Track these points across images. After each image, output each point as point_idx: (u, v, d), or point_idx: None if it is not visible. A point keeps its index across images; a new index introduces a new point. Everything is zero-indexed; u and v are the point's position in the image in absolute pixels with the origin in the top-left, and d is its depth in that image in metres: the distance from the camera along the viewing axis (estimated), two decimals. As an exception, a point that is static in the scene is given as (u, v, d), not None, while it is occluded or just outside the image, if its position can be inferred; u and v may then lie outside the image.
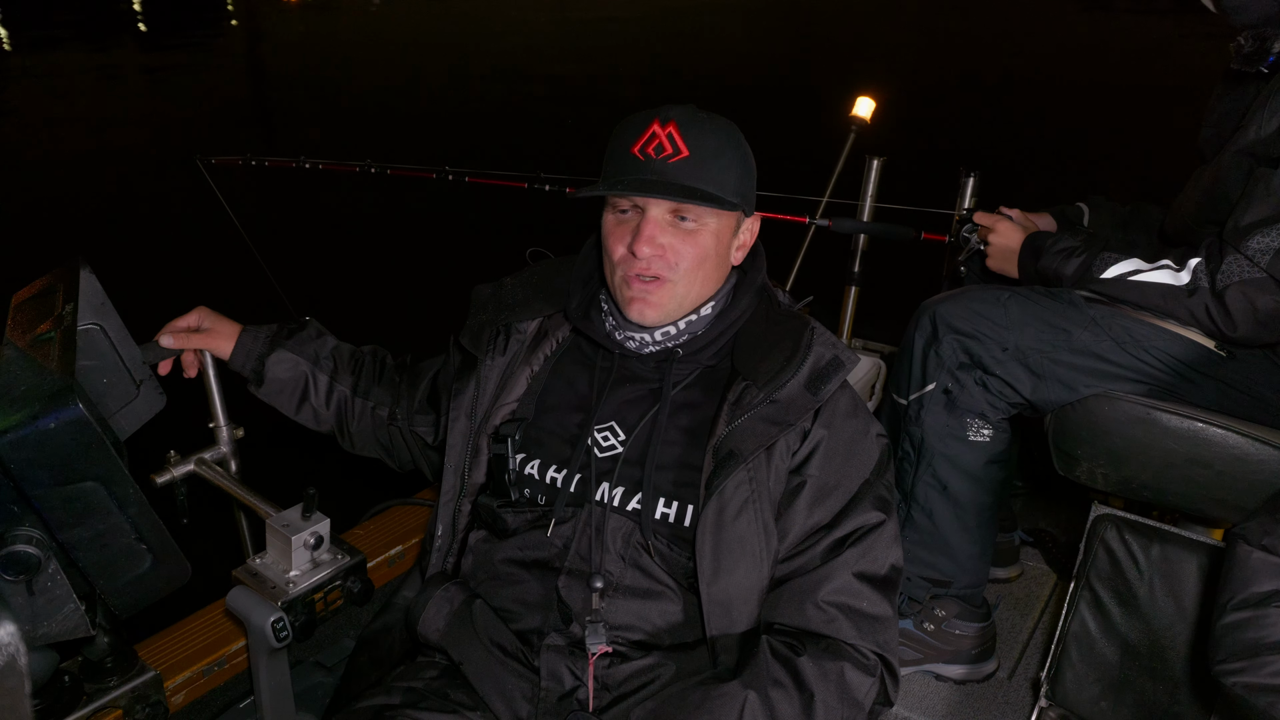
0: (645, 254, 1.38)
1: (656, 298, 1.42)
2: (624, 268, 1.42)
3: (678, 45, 13.93)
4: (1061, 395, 1.81)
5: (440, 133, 9.00)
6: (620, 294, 1.45)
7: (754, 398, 1.40)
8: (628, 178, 1.38)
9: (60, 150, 8.86)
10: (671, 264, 1.41)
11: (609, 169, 1.42)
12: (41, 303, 1.36)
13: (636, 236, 1.38)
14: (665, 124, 1.38)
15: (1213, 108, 1.92)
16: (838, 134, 2.87)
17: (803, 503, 1.38)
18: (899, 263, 3.07)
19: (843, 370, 1.42)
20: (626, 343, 1.49)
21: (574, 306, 1.56)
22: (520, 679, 1.37)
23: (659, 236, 1.39)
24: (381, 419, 1.80)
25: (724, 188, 1.39)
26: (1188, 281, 1.69)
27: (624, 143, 1.40)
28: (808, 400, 1.40)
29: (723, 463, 1.36)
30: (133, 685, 1.57)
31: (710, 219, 1.42)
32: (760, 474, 1.37)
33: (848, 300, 2.89)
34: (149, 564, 1.23)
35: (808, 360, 1.42)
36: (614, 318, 1.50)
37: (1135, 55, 12.78)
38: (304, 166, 2.90)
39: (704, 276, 1.44)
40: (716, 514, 1.34)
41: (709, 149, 1.39)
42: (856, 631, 1.33)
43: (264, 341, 1.78)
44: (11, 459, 1.07)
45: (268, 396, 1.80)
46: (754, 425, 1.38)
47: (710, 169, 1.38)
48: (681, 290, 1.43)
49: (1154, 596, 1.69)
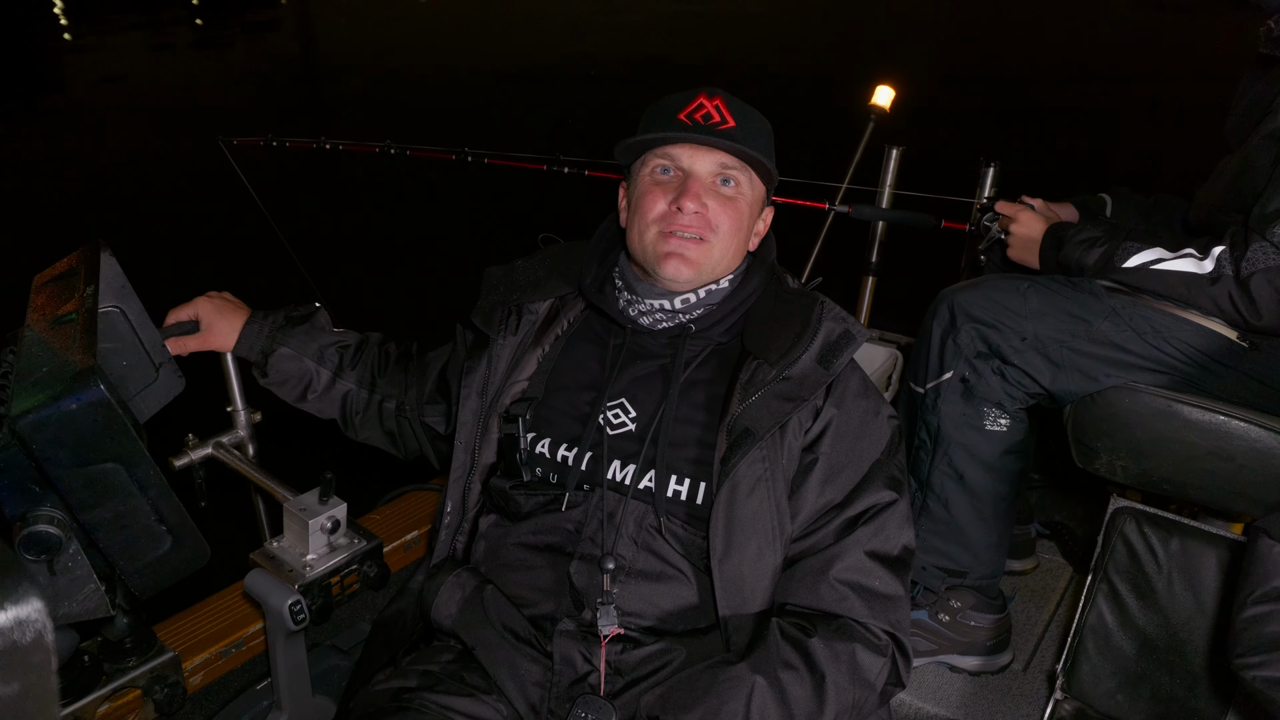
0: (690, 209, 1.42)
1: (694, 255, 1.44)
2: (663, 224, 1.45)
3: (722, 32, 13.83)
4: (1081, 386, 1.80)
5: (468, 114, 9.03)
6: (655, 249, 1.45)
7: (766, 375, 1.40)
8: (679, 136, 1.43)
9: (98, 135, 8.96)
10: (713, 225, 1.45)
11: (654, 131, 1.45)
12: (63, 284, 1.37)
13: (683, 193, 1.42)
14: (712, 97, 1.45)
15: (1240, 95, 1.90)
16: (858, 121, 2.86)
17: (814, 481, 1.39)
18: (917, 253, 3.05)
19: (854, 343, 1.43)
20: (640, 319, 1.50)
21: (589, 282, 1.56)
22: (533, 663, 1.37)
23: (705, 195, 1.43)
24: (389, 411, 1.80)
25: (767, 159, 1.46)
26: (1211, 270, 1.67)
27: (670, 110, 1.45)
28: (820, 375, 1.40)
29: (737, 441, 1.36)
30: (151, 666, 1.58)
31: (746, 190, 1.47)
32: (774, 452, 1.37)
33: (865, 290, 2.88)
34: (169, 545, 1.24)
35: (819, 335, 1.43)
36: (629, 293, 1.51)
37: (1161, 45, 12.66)
38: (324, 147, 2.91)
39: (735, 246, 1.49)
40: (730, 492, 1.35)
41: (752, 125, 1.46)
42: (868, 610, 1.34)
43: (266, 336, 1.78)
44: (34, 440, 1.08)
45: (272, 387, 1.82)
46: (768, 402, 1.38)
47: (754, 142, 1.45)
48: (717, 254, 1.46)
49: (1172, 590, 1.68)
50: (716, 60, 11.61)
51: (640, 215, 1.47)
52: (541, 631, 1.39)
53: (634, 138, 1.47)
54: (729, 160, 1.44)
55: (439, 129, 8.39)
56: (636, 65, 11.13)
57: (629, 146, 1.48)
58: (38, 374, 1.13)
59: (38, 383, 1.11)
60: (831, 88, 8.20)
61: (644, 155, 1.49)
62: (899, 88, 2.88)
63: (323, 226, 5.74)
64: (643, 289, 1.50)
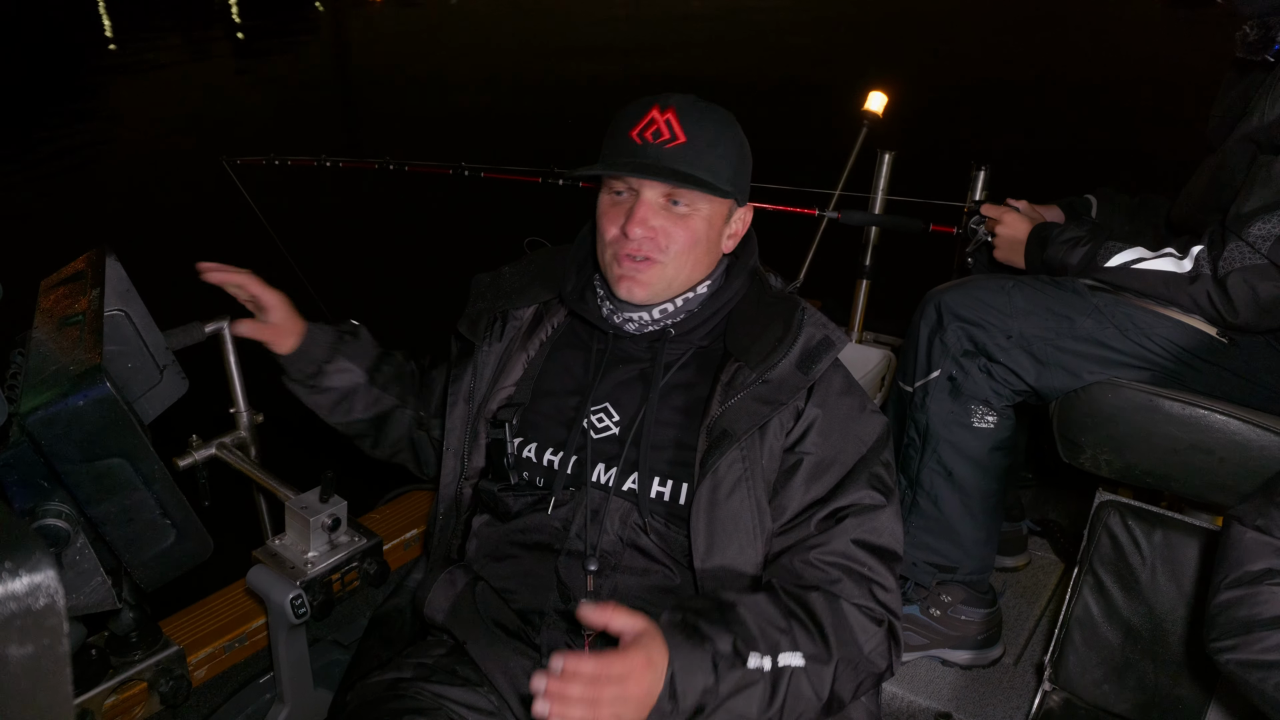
0: (637, 235, 1.42)
1: (645, 277, 1.45)
2: (616, 247, 1.46)
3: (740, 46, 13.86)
4: (1065, 382, 1.84)
5: (478, 129, 9.09)
6: (610, 272, 1.48)
7: (746, 378, 1.43)
8: (624, 160, 1.42)
9: (125, 148, 9.09)
10: (662, 246, 1.44)
11: (607, 151, 1.46)
12: (69, 287, 1.41)
13: (629, 218, 1.42)
14: (665, 110, 1.42)
15: (1221, 96, 1.93)
16: (851, 128, 2.89)
17: (800, 479, 1.42)
18: (910, 256, 3.09)
19: (833, 350, 1.45)
20: (625, 325, 1.52)
21: (569, 290, 1.59)
22: (523, 656, 1.41)
23: (651, 219, 1.43)
24: (417, 425, 1.80)
25: (718, 175, 1.43)
26: (1190, 269, 1.71)
27: (623, 126, 1.44)
28: (799, 379, 1.43)
29: (716, 442, 1.39)
30: (157, 659, 1.62)
31: (703, 204, 1.45)
32: (754, 453, 1.40)
33: (859, 294, 2.91)
34: (173, 539, 1.27)
35: (799, 340, 1.45)
36: (610, 301, 1.53)
37: (1147, 49, 12.69)
38: (324, 165, 2.95)
39: (694, 260, 1.48)
40: (710, 492, 1.38)
41: (706, 137, 1.42)
42: (859, 590, 1.35)
43: (327, 347, 1.72)
44: (42, 435, 1.12)
45: (313, 397, 1.75)
46: (747, 405, 1.41)
47: (706, 157, 1.42)
48: (670, 272, 1.46)
49: (1156, 581, 1.71)
50: (724, 71, 11.65)
51: (600, 235, 1.49)
52: (530, 625, 1.43)
53: (581, 170, 1.48)
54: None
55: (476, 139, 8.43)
56: (633, 78, 11.20)
57: (574, 176, 1.49)
58: (45, 373, 1.17)
59: (46, 381, 1.15)
60: (829, 96, 8.23)
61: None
62: (891, 93, 2.91)
63: (335, 241, 5.82)
64: (619, 300, 1.51)
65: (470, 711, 1.35)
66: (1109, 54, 12.42)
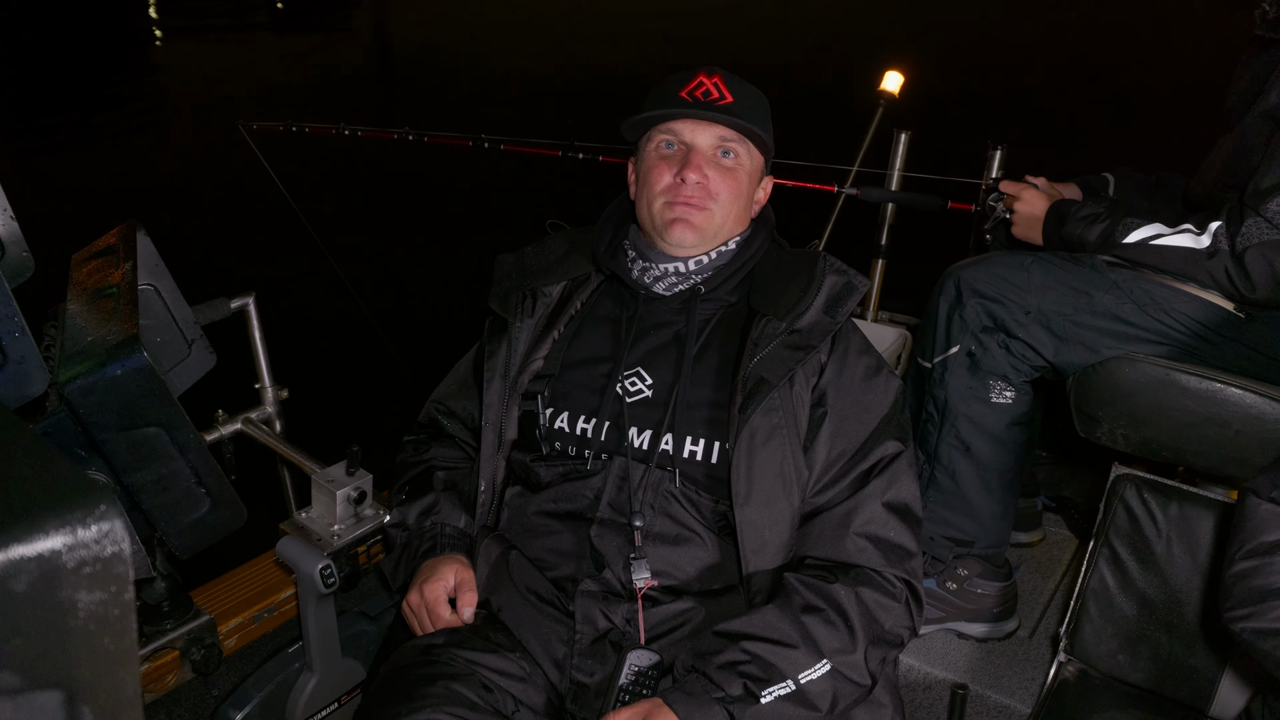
0: (692, 180, 1.52)
1: (698, 220, 1.54)
2: (668, 195, 1.55)
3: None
4: (1083, 357, 1.85)
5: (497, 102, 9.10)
6: (661, 218, 1.55)
7: (776, 329, 1.49)
8: (682, 111, 1.53)
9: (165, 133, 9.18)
10: (713, 194, 1.55)
11: (657, 108, 1.55)
12: (101, 261, 1.44)
13: (685, 165, 1.53)
14: (711, 75, 1.55)
15: (1239, 74, 1.93)
16: (868, 107, 2.90)
17: (825, 435, 1.47)
18: (926, 235, 3.09)
19: (856, 293, 1.53)
20: (654, 285, 1.57)
21: (602, 250, 1.64)
22: (556, 623, 1.44)
23: (705, 166, 1.53)
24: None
25: (764, 132, 1.56)
26: (1208, 244, 1.72)
27: (671, 88, 1.55)
28: (827, 323, 1.50)
29: (753, 391, 1.44)
30: (188, 628, 1.65)
31: (745, 160, 1.58)
32: (787, 403, 1.46)
33: (875, 272, 2.92)
34: (207, 507, 1.30)
35: (824, 287, 1.53)
36: (642, 260, 1.59)
37: (1164, 31, 12.58)
38: (343, 133, 2.96)
39: (736, 213, 1.58)
40: (749, 439, 1.43)
41: (750, 101, 1.57)
42: (884, 560, 1.42)
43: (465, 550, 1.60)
44: (80, 404, 1.14)
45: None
46: (779, 353, 1.47)
47: (751, 116, 1.55)
48: (718, 220, 1.56)
49: (1171, 553, 1.73)
50: (739, 62, 11.57)
51: (648, 187, 1.57)
52: (564, 592, 1.45)
53: (638, 115, 1.57)
54: (727, 133, 1.54)
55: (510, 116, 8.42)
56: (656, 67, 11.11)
57: (634, 123, 1.58)
58: (81, 343, 1.19)
59: (82, 351, 1.17)
60: (848, 78, 8.20)
61: (649, 132, 1.59)
62: (908, 73, 2.91)
63: (344, 210, 5.84)
64: (654, 255, 1.58)
65: (502, 677, 1.38)
66: (1151, 45, 12.28)
